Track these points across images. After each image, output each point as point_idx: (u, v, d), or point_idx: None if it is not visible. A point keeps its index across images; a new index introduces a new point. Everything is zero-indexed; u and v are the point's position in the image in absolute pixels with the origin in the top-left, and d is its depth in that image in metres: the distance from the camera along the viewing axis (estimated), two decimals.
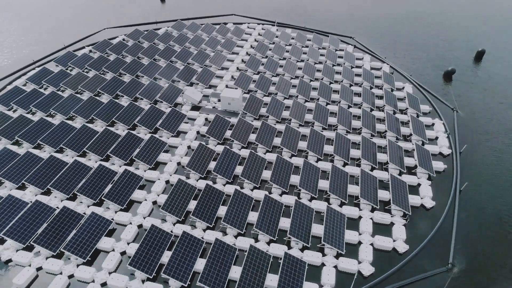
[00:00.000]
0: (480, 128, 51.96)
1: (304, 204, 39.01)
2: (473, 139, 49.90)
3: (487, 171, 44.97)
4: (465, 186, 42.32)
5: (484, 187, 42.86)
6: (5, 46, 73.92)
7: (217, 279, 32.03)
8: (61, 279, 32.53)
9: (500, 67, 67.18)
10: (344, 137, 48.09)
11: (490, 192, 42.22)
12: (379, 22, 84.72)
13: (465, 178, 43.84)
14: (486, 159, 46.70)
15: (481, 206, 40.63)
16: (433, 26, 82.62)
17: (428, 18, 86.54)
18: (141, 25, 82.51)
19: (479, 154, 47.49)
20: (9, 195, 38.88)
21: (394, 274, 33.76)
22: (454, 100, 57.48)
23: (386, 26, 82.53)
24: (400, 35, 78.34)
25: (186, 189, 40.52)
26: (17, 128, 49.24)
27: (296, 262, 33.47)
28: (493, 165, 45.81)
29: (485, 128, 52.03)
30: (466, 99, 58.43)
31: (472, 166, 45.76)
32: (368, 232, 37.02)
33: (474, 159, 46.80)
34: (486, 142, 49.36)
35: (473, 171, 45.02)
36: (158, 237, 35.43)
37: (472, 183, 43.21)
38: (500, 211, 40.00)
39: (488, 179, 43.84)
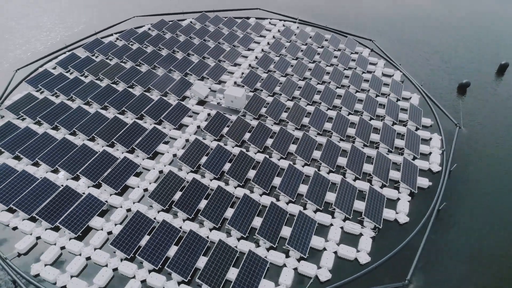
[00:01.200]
0: (480, 149, 51.00)
1: (279, 206, 41.42)
2: (469, 159, 49.33)
3: (472, 195, 44.71)
4: (443, 206, 42.66)
5: (464, 210, 42.91)
6: (44, 30, 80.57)
7: (215, 277, 35.00)
8: (54, 249, 37.58)
9: None
10: (335, 144, 49.41)
11: (469, 216, 42.27)
12: (403, 24, 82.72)
13: (448, 198, 44.04)
14: (476, 183, 46.23)
15: (456, 228, 40.97)
16: (461, 33, 79.52)
17: (457, 24, 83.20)
18: (168, 14, 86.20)
19: (470, 176, 47.08)
20: (23, 170, 44.53)
21: (350, 283, 35.66)
22: (461, 116, 56.42)
23: (410, 30, 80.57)
24: (423, 40, 76.40)
25: (174, 181, 44.18)
26: (40, 109, 55.06)
27: (258, 260, 36.27)
28: (481, 190, 45.33)
29: (486, 150, 50.95)
30: (475, 115, 57.08)
31: (459, 186, 45.67)
32: (334, 240, 38.90)
33: (463, 179, 46.55)
34: (482, 165, 48.58)
35: (458, 191, 45.00)
36: (141, 222, 39.50)
37: (453, 204, 43.38)
38: (473, 236, 40.17)
39: (471, 204, 43.69)
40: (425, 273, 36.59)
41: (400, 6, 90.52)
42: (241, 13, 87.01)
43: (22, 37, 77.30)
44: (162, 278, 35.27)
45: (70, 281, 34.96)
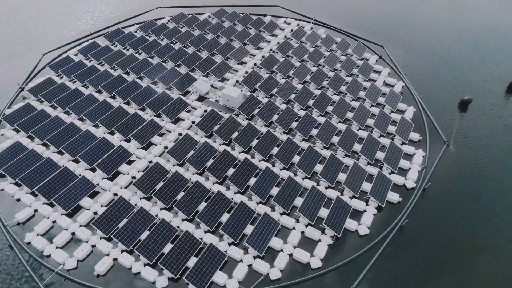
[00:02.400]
0: (462, 171, 50.90)
1: (248, 206, 44.67)
2: (448, 180, 49.64)
3: (438, 216, 45.43)
4: (406, 223, 44.00)
5: (427, 230, 43.95)
6: (72, 18, 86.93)
7: (201, 279, 38.95)
8: (47, 222, 43.32)
9: None
10: (316, 151, 51.52)
11: (430, 236, 43.31)
12: (421, 33, 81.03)
13: (414, 215, 45.21)
14: (446, 204, 46.75)
15: (414, 246, 42.30)
16: (478, 48, 76.82)
17: (476, 39, 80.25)
18: (190, 7, 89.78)
19: (443, 196, 47.64)
20: (32, 149, 50.66)
21: (298, 284, 38.60)
22: (453, 134, 56.18)
23: (426, 39, 78.96)
24: (437, 52, 74.74)
25: (159, 172, 48.55)
26: (56, 94, 61.11)
27: (217, 253, 39.99)
28: (449, 212, 45.88)
29: (468, 173, 50.68)
30: (469, 136, 56.45)
31: (429, 205, 46.53)
32: (292, 243, 41.75)
33: (435, 199, 47.24)
34: (457, 188, 48.77)
35: (426, 210, 45.94)
36: (122, 206, 44.31)
37: (417, 222, 44.56)
38: (429, 257, 41.40)
39: (435, 224, 44.55)
40: (372, 285, 38.71)
41: (420, 15, 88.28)
42: (260, 10, 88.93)
43: (54, 23, 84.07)
44: (131, 259, 39.97)
45: (54, 251, 40.51)
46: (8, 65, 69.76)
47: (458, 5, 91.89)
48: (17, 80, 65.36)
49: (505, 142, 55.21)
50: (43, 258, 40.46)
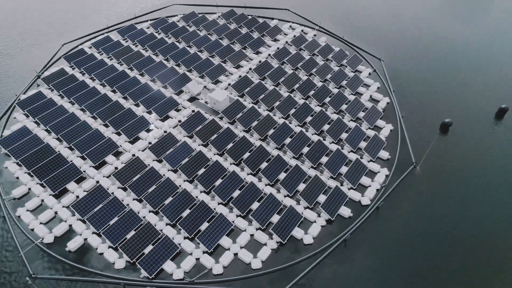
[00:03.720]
0: (420, 194, 52.77)
1: (209, 206, 49.48)
2: (404, 201, 51.78)
3: (384, 235, 48.08)
4: (348, 238, 47.06)
5: (368, 246, 46.82)
6: (94, 11, 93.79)
7: (152, 265, 44.97)
8: (36, 200, 50.31)
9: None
10: (283, 160, 55.13)
11: (370, 253, 46.21)
12: (423, 49, 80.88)
13: (361, 231, 48.09)
14: (394, 224, 49.20)
15: (350, 261, 45.43)
16: (474, 69, 75.79)
17: (474, 58, 79.01)
18: (203, 6, 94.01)
19: (394, 217, 50.01)
20: (34, 135, 57.93)
21: (237, 281, 43.22)
22: (425, 155, 57.55)
23: (426, 55, 78.87)
24: (434, 69, 74.83)
25: (138, 166, 54.28)
26: (65, 84, 68.09)
27: (170, 245, 45.29)
28: (393, 233, 48.38)
29: (428, 197, 52.50)
30: (441, 158, 57.64)
31: (378, 223, 49.16)
32: (240, 243, 46.22)
33: (386, 218, 49.74)
34: (413, 209, 50.92)
35: (374, 228, 48.62)
36: (100, 194, 50.52)
37: (362, 238, 47.46)
38: (364, 275, 44.49)
39: (378, 243, 47.32)
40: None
41: (428, 32, 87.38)
42: (268, 12, 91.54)
43: (80, 14, 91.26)
44: (99, 241, 46.15)
45: (38, 227, 47.48)
46: (32, 53, 77.61)
47: (471, 26, 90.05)
48: (36, 67, 73.16)
49: (477, 173, 55.81)
50: (28, 231, 47.64)
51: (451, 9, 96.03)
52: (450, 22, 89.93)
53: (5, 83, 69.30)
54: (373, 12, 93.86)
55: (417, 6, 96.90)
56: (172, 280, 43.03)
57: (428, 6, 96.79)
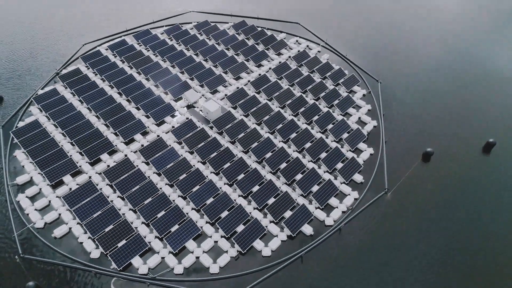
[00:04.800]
0: (387, 222, 54.77)
1: (182, 211, 54.02)
2: (367, 226, 53.93)
3: (335, 259, 50.66)
4: (305, 255, 50.02)
5: (326, 264, 49.63)
6: (115, 15, 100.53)
7: (122, 259, 51.25)
8: (35, 188, 56.83)
9: (501, 172, 61.99)
10: (259, 173, 58.63)
11: (315, 271, 49.02)
12: (424, 73, 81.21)
13: (317, 251, 50.92)
14: (347, 249, 51.60)
15: (309, 277, 48.52)
16: (467, 99, 75.46)
17: (470, 90, 78.36)
18: (219, 14, 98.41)
19: (351, 241, 52.38)
20: (43, 129, 64.81)
21: (194, 282, 47.54)
22: (399, 182, 59.13)
23: (427, 80, 79.25)
24: (430, 98, 75.32)
25: (126, 166, 59.71)
26: (78, 83, 74.80)
27: (140, 242, 50.26)
28: (345, 255, 50.83)
29: (391, 225, 54.49)
30: (415, 187, 59.04)
31: (337, 243, 51.74)
32: (204, 248, 50.41)
33: (345, 241, 52.21)
34: (373, 236, 53.06)
35: (331, 248, 51.27)
36: (89, 189, 56.35)
37: (318, 256, 50.32)
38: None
39: (327, 264, 50.00)
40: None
41: (432, 59, 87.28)
42: (279, 25, 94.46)
43: (101, 17, 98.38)
44: (81, 231, 51.88)
45: (32, 212, 53.94)
46: (55, 51, 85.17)
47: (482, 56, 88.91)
48: (58, 65, 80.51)
49: (449, 207, 56.96)
50: (24, 215, 54.27)
51: (465, 41, 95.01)
52: (458, 54, 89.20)
53: (28, 79, 76.89)
54: (382, 32, 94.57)
55: (429, 33, 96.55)
56: (137, 274, 48.06)
57: (441, 35, 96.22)
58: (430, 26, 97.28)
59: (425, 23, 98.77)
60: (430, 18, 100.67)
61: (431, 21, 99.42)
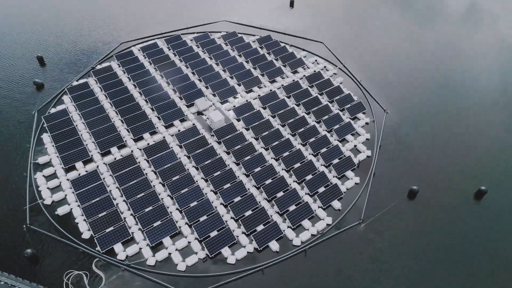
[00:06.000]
0: (353, 252, 56.98)
1: (166, 210, 60.08)
2: (333, 253, 56.55)
3: (300, 276, 53.94)
4: (265, 270, 53.90)
5: (285, 279, 53.22)
6: (156, 17, 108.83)
7: (106, 243, 59.01)
8: (52, 169, 65.95)
9: (490, 223, 61.38)
10: (244, 188, 63.16)
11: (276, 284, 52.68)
12: (435, 109, 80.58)
13: (280, 266, 54.59)
14: (315, 270, 54.61)
15: (259, 286, 52.48)
16: (465, 145, 73.82)
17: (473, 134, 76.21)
18: (248, 26, 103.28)
19: (319, 264, 55.32)
20: (68, 118, 74.05)
21: (162, 275, 53.43)
22: (376, 215, 60.77)
23: (432, 118, 78.75)
24: (432, 137, 74.96)
25: (129, 161, 66.94)
26: (107, 79, 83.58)
27: (124, 231, 57.04)
28: (312, 279, 53.90)
29: (358, 257, 56.65)
30: (390, 224, 60.35)
31: (303, 264, 55.01)
32: (177, 246, 56.11)
33: (311, 262, 55.30)
34: (335, 262, 55.66)
35: (296, 267, 54.66)
36: (94, 177, 64.24)
37: (280, 271, 54.00)
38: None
39: (290, 280, 53.42)
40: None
41: (445, 100, 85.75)
42: (303, 43, 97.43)
43: (145, 18, 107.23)
44: (80, 212, 59.81)
45: (44, 190, 62.65)
46: (101, 48, 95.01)
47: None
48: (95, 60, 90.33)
49: (425, 247, 57.87)
50: (37, 191, 63.34)
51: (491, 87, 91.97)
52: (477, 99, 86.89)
53: (66, 72, 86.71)
54: (406, 62, 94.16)
55: (456, 73, 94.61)
56: (116, 259, 54.92)
57: (474, 78, 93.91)
58: (462, 66, 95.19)
59: (457, 62, 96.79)
60: (463, 58, 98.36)
61: (462, 62, 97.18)
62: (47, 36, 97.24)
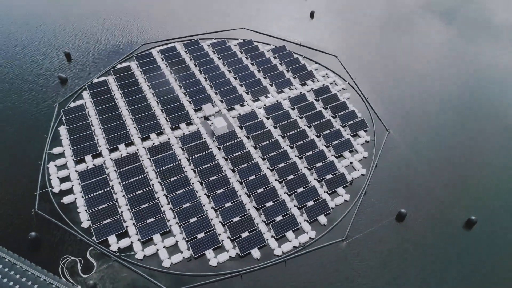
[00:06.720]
0: (327, 263, 58.64)
1: (160, 208, 64.06)
2: (310, 262, 58.45)
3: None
4: (244, 276, 56.60)
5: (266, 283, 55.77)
6: (179, 19, 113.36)
7: (102, 234, 64.01)
8: (63, 160, 71.63)
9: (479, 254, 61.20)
10: (234, 192, 66.11)
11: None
12: (435, 131, 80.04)
13: (257, 275, 57.19)
14: (280, 283, 56.79)
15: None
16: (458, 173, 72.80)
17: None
18: (266, 35, 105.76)
19: (285, 274, 57.41)
20: (83, 113, 79.76)
21: (146, 269, 57.39)
22: (360, 235, 61.97)
23: (432, 143, 78.29)
24: (429, 162, 74.74)
25: (133, 159, 71.50)
26: (124, 79, 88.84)
27: (119, 225, 61.50)
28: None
29: (337, 273, 58.28)
30: (373, 243, 61.42)
31: (283, 275, 57.34)
32: (165, 244, 59.91)
33: (289, 273, 57.50)
34: (310, 280, 57.54)
35: (271, 277, 57.08)
36: (99, 170, 69.25)
37: (256, 280, 56.58)
38: None
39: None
40: None
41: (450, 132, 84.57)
42: (318, 56, 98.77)
43: (169, 21, 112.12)
44: (82, 203, 64.89)
45: (54, 179, 68.30)
46: (123, 48, 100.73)
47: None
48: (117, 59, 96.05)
49: (407, 271, 58.69)
50: (48, 179, 69.13)
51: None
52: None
53: (92, 68, 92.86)
54: (420, 85, 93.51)
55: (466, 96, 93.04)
56: (108, 249, 59.44)
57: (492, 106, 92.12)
58: (473, 89, 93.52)
59: (467, 85, 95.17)
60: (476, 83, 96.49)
61: (473, 85, 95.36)
62: (75, 34, 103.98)
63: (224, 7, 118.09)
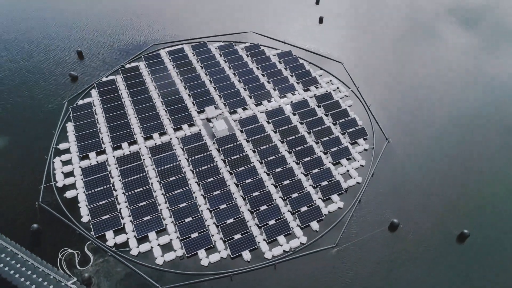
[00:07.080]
0: (315, 268, 59.64)
1: (157, 207, 66.08)
2: (300, 267, 59.55)
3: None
4: (234, 278, 58.07)
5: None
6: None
7: (101, 228, 66.52)
8: (69, 155, 74.40)
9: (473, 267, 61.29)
10: (230, 195, 67.63)
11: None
12: (436, 142, 79.87)
13: (246, 276, 58.60)
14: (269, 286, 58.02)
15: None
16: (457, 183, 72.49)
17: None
18: (273, 39, 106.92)
19: (275, 278, 58.62)
20: (91, 111, 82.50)
21: (140, 265, 59.45)
22: (351, 242, 62.74)
23: (436, 150, 78.14)
24: (427, 172, 74.76)
25: (135, 157, 73.77)
26: (131, 79, 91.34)
27: (117, 221, 63.74)
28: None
29: (318, 274, 59.26)
30: (363, 251, 62.11)
31: (271, 279, 58.66)
32: (160, 242, 61.88)
33: (279, 277, 58.75)
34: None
35: (250, 278, 58.43)
36: (102, 167, 71.74)
37: (245, 282, 58.01)
38: None
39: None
40: None
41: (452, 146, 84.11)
42: (322, 61, 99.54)
43: (179, 22, 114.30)
44: (84, 198, 67.46)
45: (59, 174, 71.12)
46: (133, 48, 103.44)
47: None
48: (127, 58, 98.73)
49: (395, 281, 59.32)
50: (53, 174, 71.96)
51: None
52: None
53: (102, 67, 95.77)
54: (425, 95, 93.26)
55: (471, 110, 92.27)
56: (105, 244, 61.74)
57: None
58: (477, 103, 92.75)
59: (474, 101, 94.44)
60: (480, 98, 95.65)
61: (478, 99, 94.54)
62: (88, 32, 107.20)
63: (235, 10, 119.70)
